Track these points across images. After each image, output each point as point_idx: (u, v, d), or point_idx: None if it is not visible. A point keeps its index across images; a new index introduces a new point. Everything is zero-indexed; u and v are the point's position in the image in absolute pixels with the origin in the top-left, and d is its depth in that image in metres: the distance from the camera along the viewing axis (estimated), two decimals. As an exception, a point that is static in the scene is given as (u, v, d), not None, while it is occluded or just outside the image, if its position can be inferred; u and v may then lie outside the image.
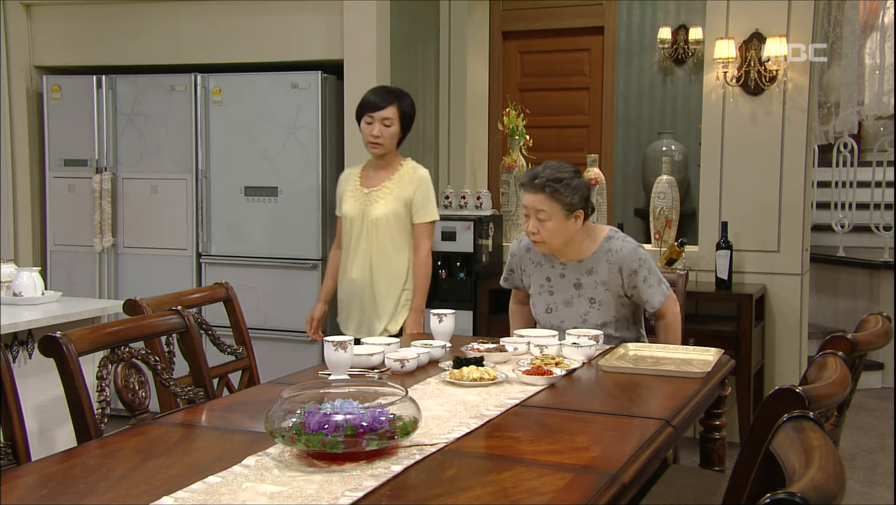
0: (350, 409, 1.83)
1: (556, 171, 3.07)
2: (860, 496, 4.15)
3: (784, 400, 1.66)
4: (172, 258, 5.23)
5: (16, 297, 3.80)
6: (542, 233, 3.09)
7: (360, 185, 3.72)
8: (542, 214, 3.06)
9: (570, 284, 3.21)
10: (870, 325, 2.47)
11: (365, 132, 3.64)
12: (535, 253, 3.27)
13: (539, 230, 3.09)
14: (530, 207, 3.09)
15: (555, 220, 3.06)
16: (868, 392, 6.01)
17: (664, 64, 7.34)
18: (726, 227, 4.78)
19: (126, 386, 2.37)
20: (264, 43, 5.16)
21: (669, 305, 3.18)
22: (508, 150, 5.48)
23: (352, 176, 3.80)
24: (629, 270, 3.13)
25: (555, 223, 3.06)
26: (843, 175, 7.05)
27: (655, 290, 3.14)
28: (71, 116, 5.36)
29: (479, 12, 5.81)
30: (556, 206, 3.04)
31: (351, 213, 3.70)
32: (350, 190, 3.75)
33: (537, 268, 3.27)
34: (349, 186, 3.76)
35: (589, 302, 3.18)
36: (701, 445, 2.89)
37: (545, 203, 3.04)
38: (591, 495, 1.67)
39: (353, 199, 3.71)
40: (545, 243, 3.12)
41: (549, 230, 3.08)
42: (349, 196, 3.74)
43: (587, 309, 3.18)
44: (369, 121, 3.62)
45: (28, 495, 1.74)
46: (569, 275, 3.21)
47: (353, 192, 3.73)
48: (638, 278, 3.13)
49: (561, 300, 3.22)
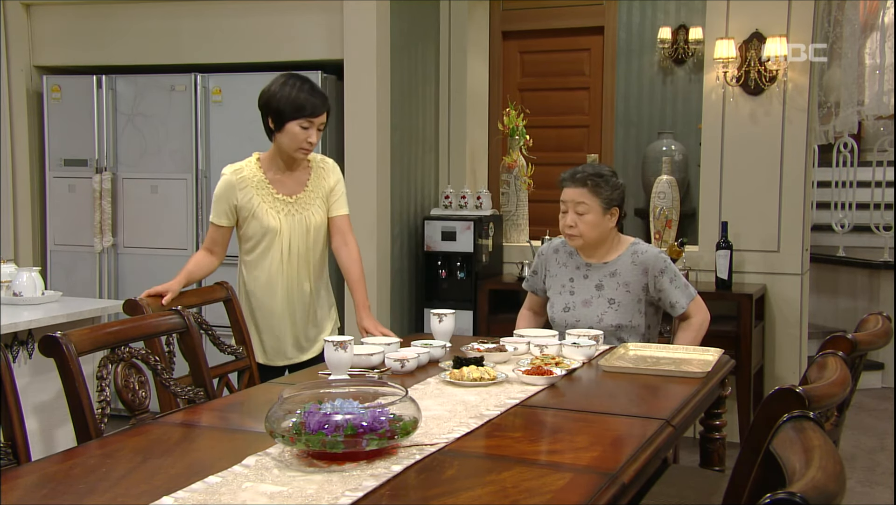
0: (350, 409, 1.83)
1: (597, 168, 3.24)
2: (860, 496, 4.15)
3: (784, 400, 1.66)
4: (172, 258, 5.23)
5: (16, 297, 3.81)
6: (579, 226, 3.20)
7: (276, 192, 3.20)
8: (582, 207, 3.18)
9: (591, 285, 3.27)
10: (870, 325, 2.47)
11: (298, 137, 3.12)
12: (562, 254, 3.36)
13: (577, 223, 3.20)
14: (570, 201, 3.20)
15: (593, 213, 3.19)
16: (868, 392, 6.01)
17: (664, 64, 7.34)
18: (726, 227, 4.78)
19: (126, 386, 2.37)
20: (264, 43, 5.16)
21: (698, 306, 3.25)
22: (508, 150, 5.48)
23: (252, 181, 3.20)
24: (656, 270, 3.20)
25: (593, 216, 3.19)
26: (843, 175, 7.05)
27: (682, 292, 3.22)
28: (71, 116, 5.36)
29: (479, 12, 5.81)
30: (595, 200, 3.18)
31: (275, 227, 3.18)
32: (262, 198, 3.18)
33: (562, 269, 3.35)
34: (257, 194, 3.18)
35: (608, 303, 3.22)
36: (701, 445, 2.89)
37: (585, 196, 3.18)
38: (591, 495, 1.67)
39: (272, 210, 3.18)
40: (581, 237, 3.22)
41: (587, 223, 3.19)
42: (264, 206, 3.18)
43: (605, 309, 3.22)
44: (306, 125, 3.11)
45: (28, 495, 1.74)
46: (592, 276, 3.28)
47: (270, 202, 3.18)
48: (664, 279, 3.20)
49: (580, 300, 3.27)
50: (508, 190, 5.46)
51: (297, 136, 3.13)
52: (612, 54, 7.25)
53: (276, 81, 3.18)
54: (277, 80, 3.19)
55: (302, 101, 3.11)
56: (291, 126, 3.12)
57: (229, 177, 3.21)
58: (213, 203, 3.24)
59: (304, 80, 3.19)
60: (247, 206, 3.19)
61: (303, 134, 3.12)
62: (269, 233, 3.19)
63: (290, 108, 3.11)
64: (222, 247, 3.29)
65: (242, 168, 3.23)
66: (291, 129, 3.12)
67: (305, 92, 3.13)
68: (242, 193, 3.19)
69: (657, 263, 3.21)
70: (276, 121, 3.14)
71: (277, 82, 3.17)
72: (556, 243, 3.42)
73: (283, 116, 3.12)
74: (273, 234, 3.19)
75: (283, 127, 3.13)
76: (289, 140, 3.14)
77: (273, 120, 3.15)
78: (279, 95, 3.12)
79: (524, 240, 5.43)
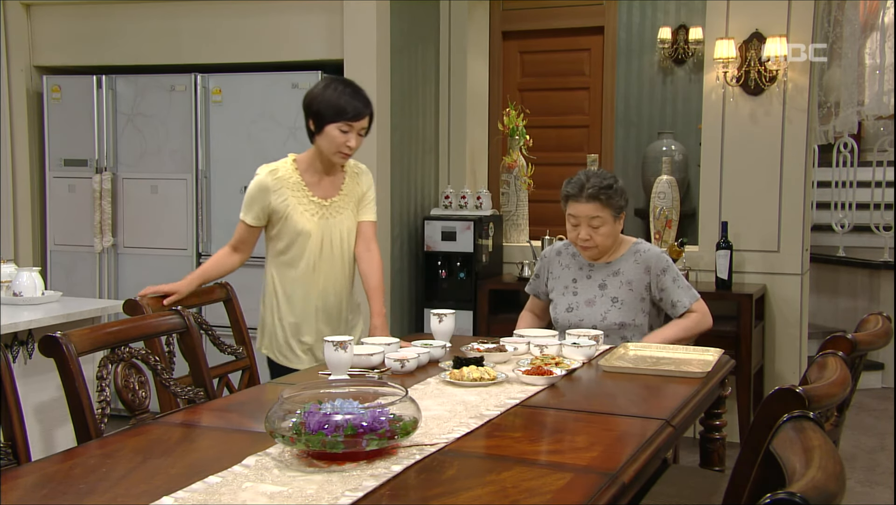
0: (350, 409, 1.83)
1: (602, 179, 3.20)
2: (860, 496, 4.15)
3: (784, 400, 1.66)
4: (172, 258, 5.23)
5: (16, 297, 3.81)
6: (594, 238, 3.21)
7: (311, 195, 3.18)
8: (596, 221, 3.18)
9: (595, 285, 3.28)
10: (870, 325, 2.47)
11: (337, 141, 3.08)
12: (565, 256, 3.37)
13: (591, 236, 3.20)
14: (582, 216, 3.19)
15: (607, 224, 3.20)
16: (868, 392, 6.01)
17: (664, 64, 7.34)
18: (726, 227, 4.78)
19: (126, 386, 2.37)
20: (264, 43, 5.16)
21: (700, 308, 3.24)
22: (508, 150, 5.48)
23: (287, 182, 3.17)
24: (658, 269, 3.22)
25: (608, 227, 3.20)
26: (843, 175, 7.05)
27: (685, 292, 3.22)
28: (71, 116, 5.37)
29: (479, 12, 5.81)
30: (607, 211, 3.19)
31: (309, 230, 3.15)
32: (297, 200, 3.16)
33: (565, 270, 3.35)
34: (293, 196, 3.16)
35: (611, 301, 3.23)
36: (701, 445, 2.89)
37: (599, 210, 3.18)
38: (591, 495, 1.67)
39: (307, 213, 3.16)
40: (597, 248, 3.24)
41: (602, 235, 3.20)
42: (299, 208, 3.15)
43: (608, 308, 3.23)
44: (345, 129, 3.07)
45: (28, 495, 1.74)
46: (595, 276, 3.29)
47: (305, 204, 3.16)
48: (667, 278, 3.21)
49: (583, 300, 3.28)
50: (508, 190, 5.46)
51: (336, 140, 3.09)
52: (612, 54, 7.25)
53: (319, 84, 3.17)
54: (321, 82, 3.18)
55: (343, 105, 3.07)
56: (331, 129, 3.08)
57: (265, 178, 3.16)
58: (246, 203, 3.19)
59: (347, 83, 3.16)
60: (281, 208, 3.14)
61: (342, 137, 3.08)
62: (301, 235, 3.16)
63: (331, 111, 3.07)
64: (250, 246, 3.26)
65: (278, 169, 3.18)
66: (331, 132, 3.08)
67: (347, 95, 3.09)
68: (277, 195, 3.14)
69: (659, 262, 3.23)
70: (317, 123, 3.10)
71: (320, 84, 3.15)
72: (558, 246, 3.43)
73: (323, 119, 3.08)
74: (306, 236, 3.16)
75: (323, 130, 3.09)
76: (328, 143, 3.10)
77: (314, 122, 3.11)
78: (321, 98, 3.09)
79: (524, 240, 5.43)
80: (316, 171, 3.20)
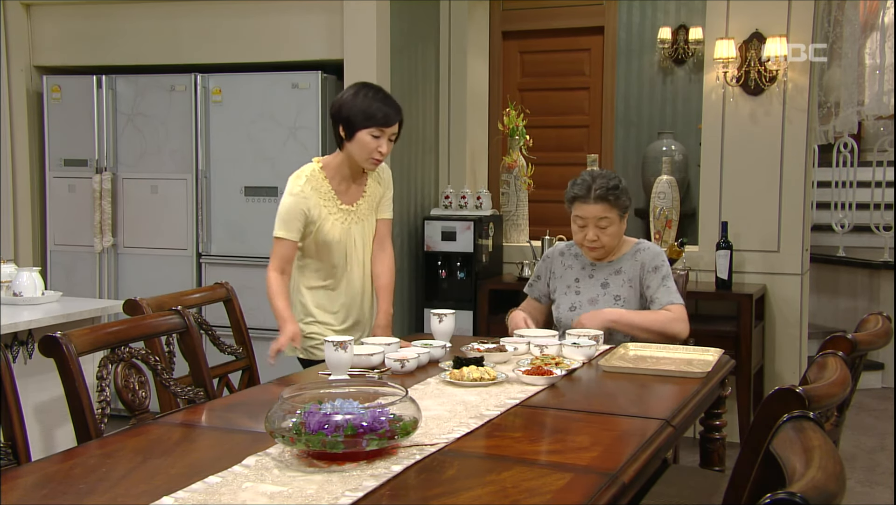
0: (350, 409, 1.83)
1: (608, 179, 3.21)
2: (860, 496, 4.15)
3: (784, 400, 1.66)
4: (172, 258, 5.23)
5: (16, 297, 3.81)
6: (602, 239, 3.21)
7: (340, 202, 3.15)
8: (604, 222, 3.19)
9: (597, 284, 3.28)
10: (870, 325, 2.47)
11: (369, 146, 3.05)
12: (568, 256, 3.37)
13: (599, 237, 3.21)
14: (590, 217, 3.19)
15: (614, 224, 3.21)
16: (868, 392, 6.01)
17: (664, 64, 7.34)
18: (726, 227, 4.78)
19: (126, 386, 2.37)
20: (264, 43, 5.16)
21: (677, 309, 3.17)
22: (508, 150, 5.48)
23: (318, 190, 3.12)
24: (651, 265, 3.22)
25: (615, 227, 3.21)
26: (843, 175, 7.05)
27: (668, 291, 3.19)
28: (71, 116, 5.37)
29: (479, 12, 5.81)
30: (615, 211, 3.19)
31: (337, 237, 3.13)
32: (328, 209, 3.12)
33: (567, 270, 3.35)
34: (324, 204, 3.12)
35: (613, 300, 3.24)
36: (701, 445, 2.89)
37: (607, 210, 3.18)
38: (591, 495, 1.67)
39: (337, 221, 3.13)
40: (604, 248, 3.24)
41: (610, 235, 3.21)
42: (329, 217, 3.11)
43: (611, 307, 3.22)
44: (377, 134, 3.04)
45: (28, 495, 1.74)
46: (597, 275, 3.29)
47: (335, 213, 3.13)
48: (656, 275, 3.20)
49: (586, 299, 3.28)
50: (508, 190, 5.46)
51: (367, 146, 3.05)
52: (612, 54, 7.25)
53: (348, 90, 3.13)
54: (350, 88, 3.14)
55: (374, 110, 3.03)
56: (362, 135, 3.04)
57: (301, 190, 3.09)
58: (284, 219, 3.07)
59: (377, 89, 3.13)
60: (316, 218, 3.09)
61: (374, 143, 3.04)
62: (329, 244, 3.11)
63: (362, 117, 3.03)
64: (291, 264, 3.15)
65: (308, 178, 3.12)
66: (362, 137, 3.04)
67: (378, 101, 3.06)
68: (311, 203, 3.08)
69: (654, 259, 3.24)
70: (347, 129, 3.06)
71: (350, 91, 3.11)
72: (560, 247, 3.43)
73: (353, 125, 3.04)
74: (334, 243, 3.12)
75: (354, 136, 3.05)
76: (359, 149, 3.06)
77: (344, 128, 3.07)
78: (351, 104, 3.05)
79: (524, 240, 5.43)
80: (343, 177, 3.16)
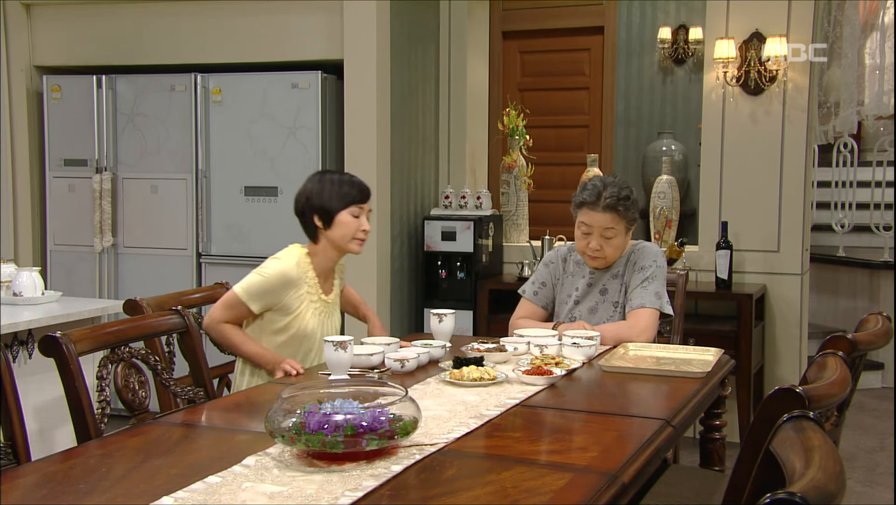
0: (350, 409, 1.83)
1: (620, 189, 3.11)
2: (860, 496, 4.15)
3: (784, 400, 1.66)
4: (172, 258, 5.23)
5: (16, 297, 3.81)
6: (605, 249, 3.13)
7: (322, 293, 3.02)
8: (610, 232, 3.11)
9: (596, 292, 3.24)
10: (870, 325, 2.47)
11: (352, 226, 2.95)
12: (570, 263, 3.32)
13: (602, 247, 3.13)
14: (596, 226, 3.11)
15: (620, 235, 3.13)
16: (868, 392, 6.01)
17: (664, 64, 7.34)
18: (726, 227, 4.78)
19: (126, 386, 2.37)
20: (264, 43, 5.16)
21: (644, 315, 3.08)
22: (508, 150, 5.48)
23: (305, 278, 2.96)
24: (638, 266, 3.16)
25: (620, 239, 3.14)
26: (843, 175, 7.05)
27: (644, 293, 3.10)
28: (71, 116, 5.37)
29: (479, 12, 5.81)
30: (622, 223, 3.12)
31: (311, 329, 2.98)
32: (310, 300, 2.97)
33: (570, 278, 3.31)
34: (307, 296, 2.97)
35: (613, 306, 3.21)
36: (701, 445, 2.89)
37: (614, 221, 3.11)
38: (591, 495, 1.67)
39: (315, 314, 3.00)
40: (606, 259, 3.17)
41: (614, 246, 3.14)
42: (310, 309, 2.98)
43: (611, 313, 3.21)
44: (357, 213, 2.96)
45: (28, 495, 1.74)
46: (596, 283, 3.24)
47: (315, 304, 3.00)
48: (638, 275, 3.14)
49: (586, 308, 3.24)
50: (508, 190, 5.46)
51: (349, 226, 2.95)
52: (612, 54, 7.25)
53: (309, 182, 3.01)
54: (311, 179, 3.02)
55: (347, 189, 2.96)
56: (343, 216, 2.94)
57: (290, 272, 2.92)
58: (259, 291, 2.89)
59: (338, 171, 3.07)
60: (292, 306, 2.93)
61: (355, 222, 2.95)
62: (305, 335, 2.98)
63: (338, 199, 2.94)
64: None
65: (297, 266, 2.94)
66: (343, 219, 2.94)
67: (346, 181, 2.98)
68: (293, 292, 2.92)
69: (644, 259, 3.16)
70: (324, 217, 2.94)
71: (312, 181, 3.00)
72: (563, 251, 3.36)
73: (330, 210, 2.93)
74: (309, 336, 2.98)
75: (333, 221, 2.94)
76: (342, 232, 2.95)
77: (320, 217, 2.95)
78: (320, 191, 2.95)
79: (524, 240, 5.43)
80: (325, 267, 3.03)
